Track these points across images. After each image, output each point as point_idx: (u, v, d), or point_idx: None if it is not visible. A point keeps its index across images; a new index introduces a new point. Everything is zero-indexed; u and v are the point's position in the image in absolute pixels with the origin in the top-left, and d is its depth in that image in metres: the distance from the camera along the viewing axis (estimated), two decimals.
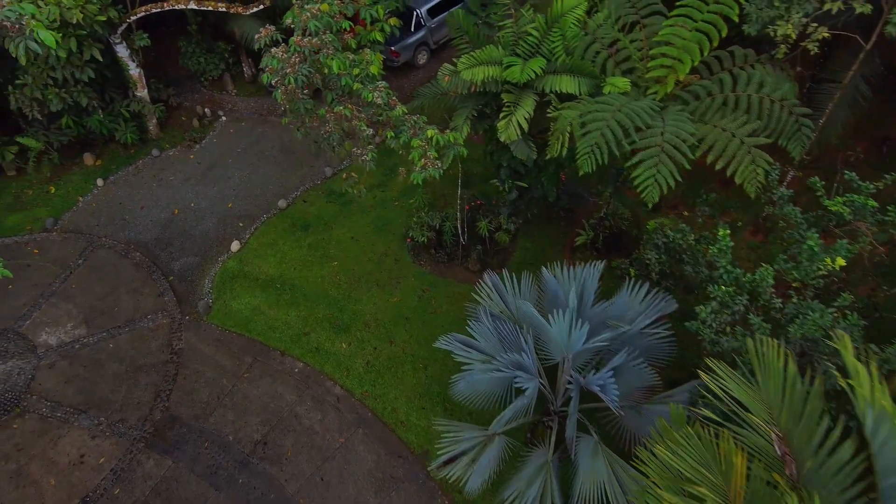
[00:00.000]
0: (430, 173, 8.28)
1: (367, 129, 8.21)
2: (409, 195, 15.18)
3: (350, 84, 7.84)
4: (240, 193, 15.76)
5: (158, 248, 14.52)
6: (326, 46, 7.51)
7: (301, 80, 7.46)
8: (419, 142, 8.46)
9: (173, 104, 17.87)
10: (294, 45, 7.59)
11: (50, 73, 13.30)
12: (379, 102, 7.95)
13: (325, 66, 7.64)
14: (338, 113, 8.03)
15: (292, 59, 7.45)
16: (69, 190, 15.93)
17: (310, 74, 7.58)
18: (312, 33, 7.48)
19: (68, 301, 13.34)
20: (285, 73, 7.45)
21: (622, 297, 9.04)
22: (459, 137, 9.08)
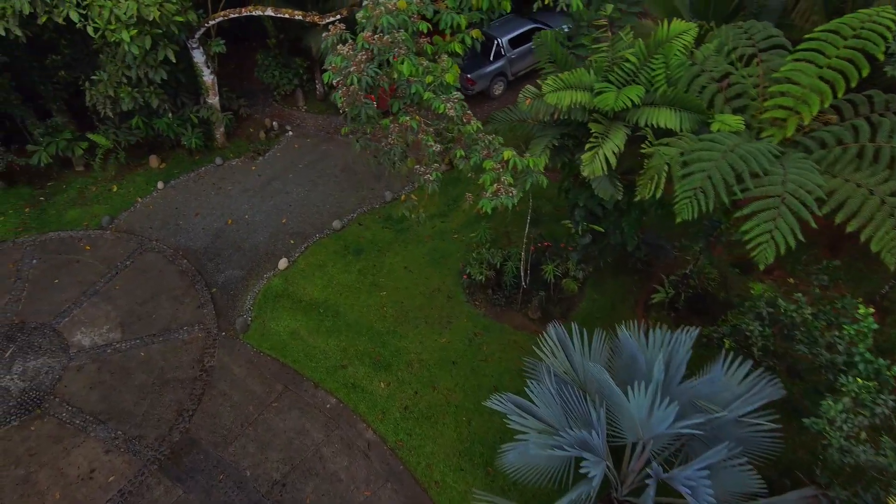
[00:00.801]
0: (502, 202, 7.14)
1: (434, 144, 7.23)
2: (470, 228, 14.10)
3: (420, 92, 6.92)
4: (295, 210, 15.16)
5: (206, 257, 13.99)
6: (398, 46, 6.64)
7: (366, 82, 6.60)
8: (493, 164, 7.36)
9: (243, 115, 17.73)
10: (362, 40, 6.77)
11: (126, 71, 13.22)
12: (451, 114, 6.96)
13: (394, 70, 6.76)
14: (403, 124, 7.10)
15: (358, 57, 6.62)
16: (130, 190, 15.82)
17: (376, 76, 6.71)
18: (384, 30, 6.64)
19: (109, 302, 12.89)
20: (348, 73, 6.61)
21: (716, 374, 7.48)
22: (539, 163, 7.93)
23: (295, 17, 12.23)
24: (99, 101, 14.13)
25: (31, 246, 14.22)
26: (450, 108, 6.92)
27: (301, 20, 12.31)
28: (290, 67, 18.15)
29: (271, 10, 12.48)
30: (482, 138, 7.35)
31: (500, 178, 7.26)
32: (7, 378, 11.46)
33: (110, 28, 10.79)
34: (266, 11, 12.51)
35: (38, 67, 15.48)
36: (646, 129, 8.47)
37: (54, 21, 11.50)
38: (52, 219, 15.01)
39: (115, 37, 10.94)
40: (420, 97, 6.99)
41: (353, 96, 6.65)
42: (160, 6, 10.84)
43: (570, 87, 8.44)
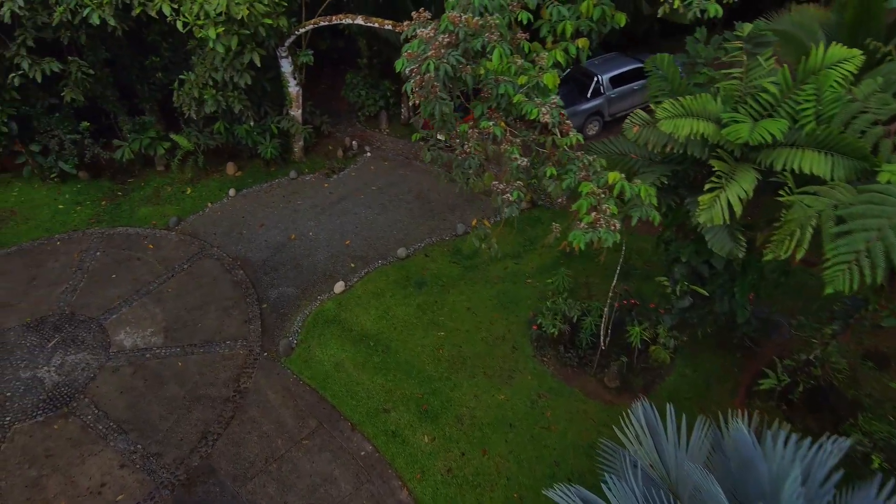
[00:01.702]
0: (601, 236, 5.70)
1: (519, 158, 5.97)
2: (546, 273, 12.60)
3: (510, 94, 5.73)
4: (361, 232, 14.29)
5: (263, 270, 13.29)
6: (490, 30, 5.52)
7: (444, 71, 5.49)
8: (592, 188, 5.96)
9: (325, 132, 17.36)
10: (446, 21, 5.72)
11: (213, 73, 13.05)
12: (546, 121, 5.69)
13: (481, 66, 5.63)
14: (484, 130, 5.92)
15: (439, 40, 5.56)
16: (203, 194, 15.62)
17: (458, 66, 5.59)
18: (476, 11, 5.57)
19: (158, 304, 12.37)
20: (425, 58, 5.54)
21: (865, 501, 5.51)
22: (652, 193, 6.43)
23: (384, 27, 11.59)
24: (185, 102, 14.06)
25: (98, 238, 14.14)
26: (544, 114, 5.65)
27: (391, 30, 11.64)
28: (377, 88, 17.72)
29: (361, 19, 11.92)
30: (580, 157, 6.00)
31: (601, 205, 5.83)
32: (44, 369, 11.02)
33: (198, 24, 10.53)
34: (356, 20, 11.97)
35: (139, 67, 15.83)
36: (784, 174, 6.81)
37: (149, 15, 11.47)
38: (125, 214, 14.96)
39: (201, 33, 10.68)
40: (509, 100, 5.80)
41: (427, 87, 5.56)
42: (250, 5, 10.48)
43: (690, 115, 6.97)
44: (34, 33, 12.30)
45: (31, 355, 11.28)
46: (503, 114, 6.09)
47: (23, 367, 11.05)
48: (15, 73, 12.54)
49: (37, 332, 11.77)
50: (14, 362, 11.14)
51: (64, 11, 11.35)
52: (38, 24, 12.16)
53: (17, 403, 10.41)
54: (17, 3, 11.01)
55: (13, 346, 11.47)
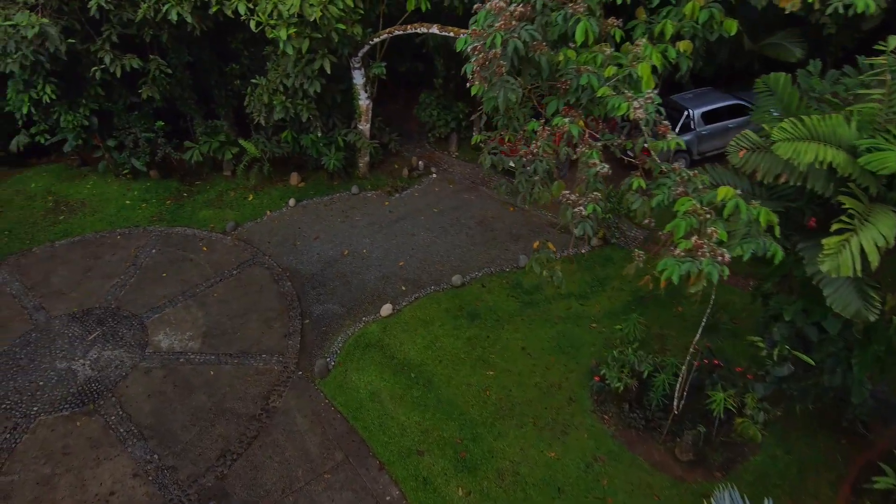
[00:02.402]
0: (703, 269, 4.46)
1: (599, 164, 4.90)
2: (615, 318, 11.25)
3: (593, 86, 4.71)
4: (417, 254, 13.47)
5: (311, 284, 12.68)
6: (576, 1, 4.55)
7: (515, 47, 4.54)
8: (693, 204, 4.75)
9: (393, 150, 16.88)
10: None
11: (284, 79, 12.82)
12: (639, 116, 4.60)
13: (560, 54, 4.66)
14: (558, 129, 4.90)
15: (511, 10, 4.64)
16: (264, 201, 15.39)
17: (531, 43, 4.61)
18: None
19: (202, 308, 11.96)
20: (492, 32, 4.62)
21: None
22: (773, 219, 5.12)
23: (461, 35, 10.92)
24: (255, 107, 13.93)
25: (157, 236, 14.09)
26: (636, 108, 4.57)
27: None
28: (450, 110, 17.14)
29: (437, 28, 11.33)
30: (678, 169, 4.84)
31: (705, 227, 4.61)
32: (80, 361, 10.74)
33: (270, 23, 10.27)
34: (431, 29, 11.38)
35: (218, 73, 16.01)
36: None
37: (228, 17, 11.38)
38: (186, 215, 14.91)
39: (273, 33, 10.40)
40: (591, 93, 4.77)
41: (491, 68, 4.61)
42: (324, 7, 10.10)
43: (816, 139, 5.66)
44: (119, 29, 12.57)
45: (71, 346, 11.07)
46: (582, 111, 5.06)
47: (60, 358, 10.83)
48: (97, 67, 12.80)
49: (81, 323, 11.60)
50: (53, 351, 10.95)
51: (148, 9, 11.46)
52: (124, 20, 12.41)
53: (47, 394, 10.12)
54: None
55: (56, 334, 11.33)
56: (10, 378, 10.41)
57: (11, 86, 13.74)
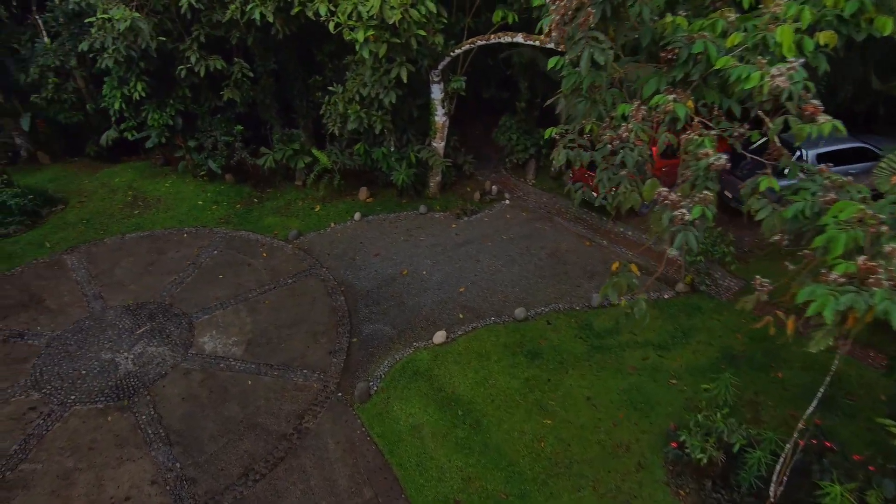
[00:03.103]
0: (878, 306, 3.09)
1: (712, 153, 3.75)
2: (700, 375, 9.70)
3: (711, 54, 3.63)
4: (479, 282, 12.49)
5: (364, 301, 11.98)
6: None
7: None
8: (861, 210, 3.46)
9: (466, 172, 16.16)
10: None
11: (361, 88, 12.46)
12: (780, 86, 3.44)
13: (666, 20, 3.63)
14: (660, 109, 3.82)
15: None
16: (330, 213, 15.03)
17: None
18: None
19: (251, 314, 11.53)
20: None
21: None
22: None
23: (546, 45, 10.11)
24: (331, 117, 13.69)
25: (221, 238, 13.99)
26: (776, 77, 3.41)
27: (553, 48, 10.08)
28: (530, 135, 16.27)
29: (522, 37, 10.55)
30: (824, 170, 3.63)
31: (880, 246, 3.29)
32: (124, 354, 10.50)
33: (350, 24, 9.90)
34: (516, 37, 10.61)
35: (302, 83, 16.06)
36: None
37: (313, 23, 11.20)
38: (252, 220, 14.80)
39: (350, 35, 10.03)
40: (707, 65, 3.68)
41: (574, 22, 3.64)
42: (405, 11, 9.61)
43: None
44: (207, 30, 12.75)
45: (119, 338, 10.89)
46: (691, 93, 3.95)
47: (106, 348, 10.65)
48: (183, 66, 13.02)
49: (133, 316, 11.46)
50: (101, 341, 10.80)
51: (235, 10, 11.50)
52: (213, 21, 12.59)
53: (86, 384, 9.89)
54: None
55: (107, 325, 11.22)
56: (56, 363, 10.30)
57: (108, 82, 14.31)
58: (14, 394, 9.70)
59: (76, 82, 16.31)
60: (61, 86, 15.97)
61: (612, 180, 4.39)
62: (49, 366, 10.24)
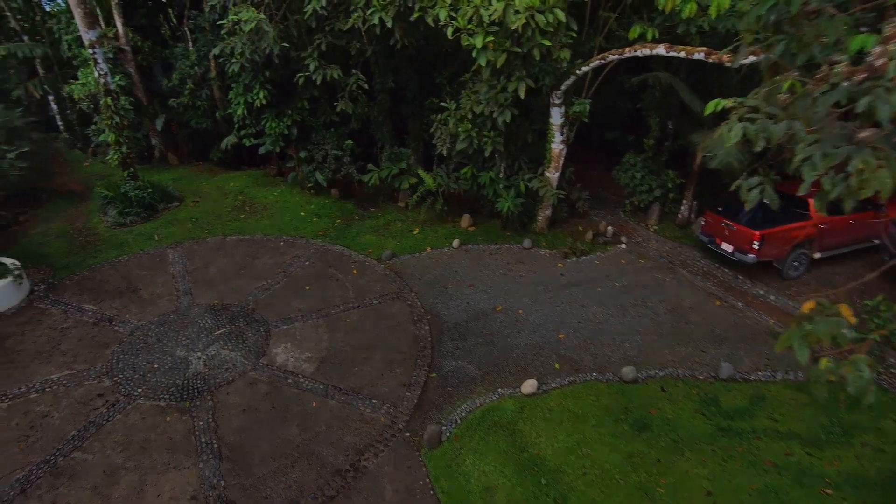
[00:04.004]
0: None
1: None
2: (868, 491, 7.36)
3: None
4: (582, 330, 10.87)
5: (450, 334, 10.81)
6: None
7: None
8: None
9: (579, 209, 14.71)
10: None
11: (475, 106, 11.63)
12: None
13: None
14: None
15: None
16: (428, 237, 14.20)
17: None
18: None
19: (330, 331, 10.77)
20: None
21: None
22: None
23: (693, 55, 8.60)
24: (441, 136, 12.98)
25: (315, 250, 13.60)
26: None
27: (703, 59, 8.55)
28: (657, 176, 14.55)
29: (663, 48, 9.12)
30: None
31: None
32: (197, 354, 10.09)
33: (469, 27, 9.10)
34: (656, 49, 9.20)
35: (417, 105, 15.68)
36: None
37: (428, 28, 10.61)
38: (350, 236, 14.33)
39: (468, 41, 9.22)
40: None
41: None
42: (530, 16, 8.63)
43: None
44: (329, 39, 12.66)
45: (197, 336, 10.55)
46: None
47: (183, 345, 10.32)
48: (302, 74, 13.01)
49: (215, 316, 11.15)
50: (180, 337, 10.51)
51: (358, 17, 11.24)
52: (336, 30, 12.49)
53: (155, 378, 9.52)
54: (321, 2, 11.23)
55: (189, 322, 10.96)
56: (133, 353, 10.10)
57: (234, 88, 14.74)
58: (88, 377, 9.54)
59: (211, 91, 17.15)
60: (197, 93, 16.83)
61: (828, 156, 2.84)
62: (126, 355, 10.06)
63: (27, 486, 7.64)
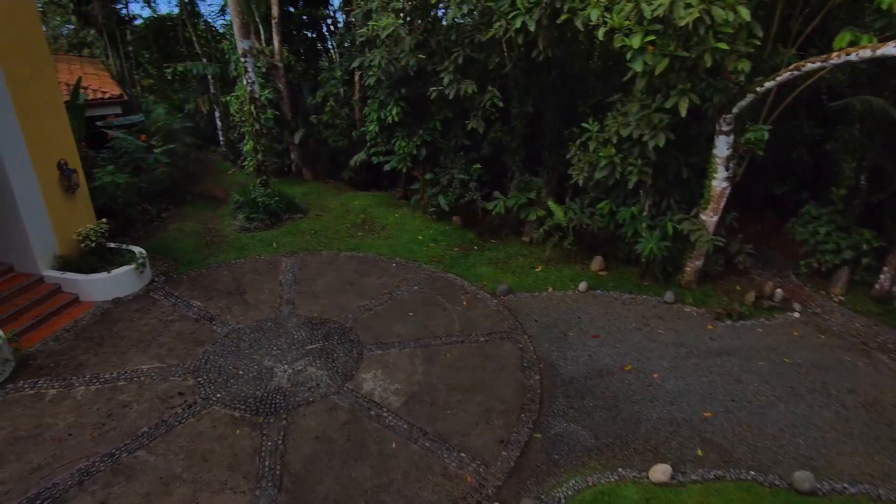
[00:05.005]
0: None
1: None
2: None
3: None
4: (737, 412, 8.50)
5: (565, 389, 9.01)
6: None
7: None
8: None
9: (739, 264, 12.23)
10: None
11: (621, 128, 10.04)
12: None
13: None
14: None
15: None
16: (551, 277, 12.56)
17: None
18: None
19: (427, 363, 9.50)
20: None
21: None
22: None
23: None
24: (577, 164, 11.50)
25: (426, 276, 12.58)
26: None
27: None
28: (849, 235, 11.69)
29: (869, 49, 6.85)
30: None
31: None
32: (284, 367, 9.32)
33: (627, 24, 7.63)
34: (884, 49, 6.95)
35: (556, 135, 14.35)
36: None
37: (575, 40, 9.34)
38: (465, 265, 13.15)
39: (622, 41, 7.74)
40: None
41: None
42: (705, 11, 6.98)
43: None
44: (468, 51, 11.87)
45: (288, 348, 9.84)
46: None
47: (272, 355, 9.64)
48: (435, 88, 12.32)
49: (311, 329, 10.42)
50: (270, 347, 9.87)
51: (500, 27, 10.31)
52: (475, 41, 11.68)
53: (236, 386, 8.85)
54: (462, 9, 10.50)
55: (284, 332, 10.33)
56: (222, 356, 9.60)
57: (369, 105, 14.55)
58: (176, 373, 9.13)
59: (351, 111, 17.31)
60: (337, 111, 17.05)
61: None
62: (216, 356, 9.58)
63: (85, 478, 7.13)
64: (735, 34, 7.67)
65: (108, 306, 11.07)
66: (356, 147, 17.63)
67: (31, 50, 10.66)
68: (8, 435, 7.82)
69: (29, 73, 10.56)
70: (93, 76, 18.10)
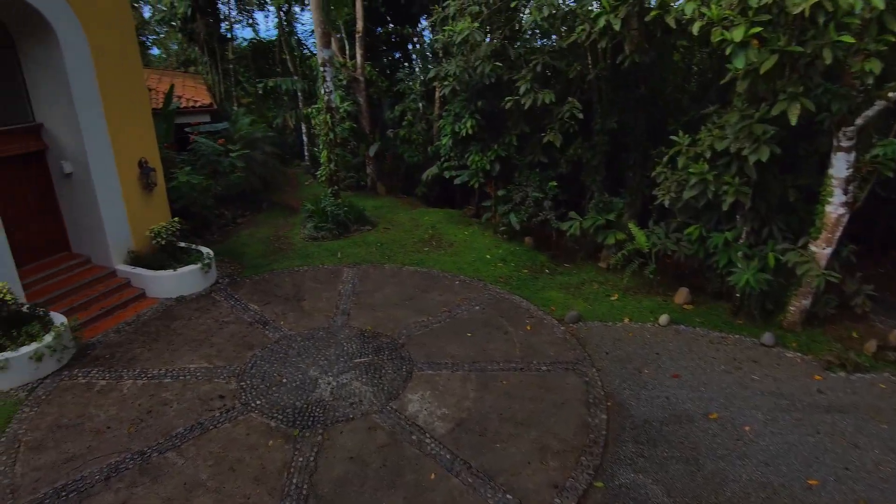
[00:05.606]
0: None
1: None
2: None
3: None
4: (851, 482, 6.96)
5: (635, 434, 7.83)
6: None
7: None
8: None
9: (857, 308, 10.44)
10: None
11: (717, 141, 8.88)
12: None
13: None
14: None
15: None
16: (628, 307, 11.35)
17: None
18: None
19: (480, 390, 8.65)
20: None
21: None
22: None
23: None
24: (664, 181, 10.37)
25: (490, 295, 11.77)
26: None
27: None
28: None
29: None
30: None
31: None
32: (328, 377, 8.82)
33: (728, 15, 6.60)
34: None
35: (642, 154, 13.25)
36: None
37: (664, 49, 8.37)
38: (533, 288, 12.22)
39: (721, 35, 6.69)
40: None
41: None
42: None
43: None
44: (547, 59, 11.14)
45: (336, 359, 9.34)
46: None
47: (318, 365, 9.17)
48: (510, 98, 11.65)
49: (362, 342, 9.89)
50: (318, 357, 9.42)
51: (583, 31, 9.54)
52: (555, 48, 10.95)
53: (277, 394, 8.43)
54: (542, 13, 9.83)
55: (334, 342, 9.87)
56: (269, 361, 9.26)
57: (444, 118, 14.14)
58: (221, 375, 8.87)
59: (429, 125, 17.04)
60: (414, 126, 16.83)
61: None
62: (262, 361, 9.25)
63: (113, 474, 6.88)
64: (863, 27, 6.43)
65: (170, 304, 11.16)
66: (431, 163, 17.29)
67: (123, 60, 11.15)
68: (52, 422, 7.81)
69: (119, 79, 11.03)
70: (191, 88, 19.12)
